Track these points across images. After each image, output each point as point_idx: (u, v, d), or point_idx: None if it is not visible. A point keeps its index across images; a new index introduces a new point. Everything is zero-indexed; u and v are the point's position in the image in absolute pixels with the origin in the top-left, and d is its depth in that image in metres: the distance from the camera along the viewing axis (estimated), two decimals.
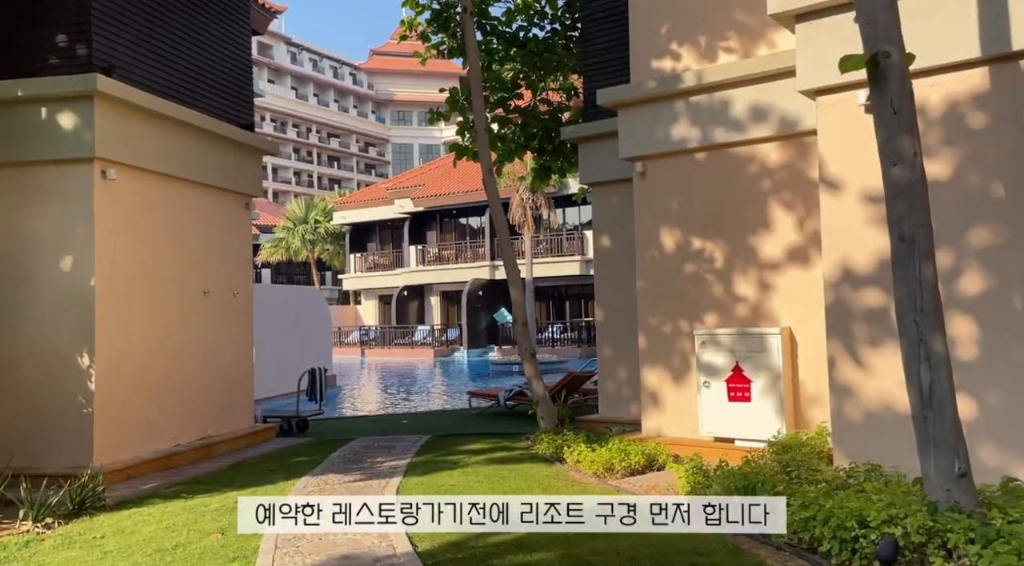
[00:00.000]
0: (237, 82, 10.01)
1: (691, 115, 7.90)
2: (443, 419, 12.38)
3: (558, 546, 4.70)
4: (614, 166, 9.62)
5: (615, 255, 9.84)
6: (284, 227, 42.12)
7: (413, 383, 22.89)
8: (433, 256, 36.40)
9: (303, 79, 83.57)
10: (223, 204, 9.72)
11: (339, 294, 45.91)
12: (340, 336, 36.81)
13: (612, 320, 9.87)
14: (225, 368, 9.70)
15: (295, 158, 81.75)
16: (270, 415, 11.24)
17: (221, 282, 9.64)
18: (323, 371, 11.57)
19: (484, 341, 33.70)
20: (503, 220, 9.99)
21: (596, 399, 11.67)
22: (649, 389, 8.27)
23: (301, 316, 17.79)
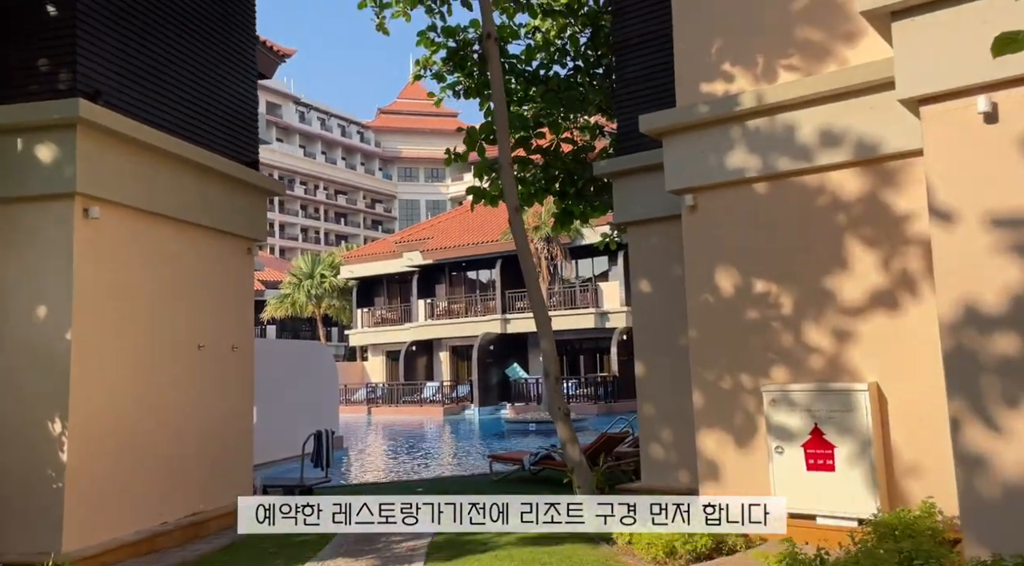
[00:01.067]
0: (240, 116, 9.20)
1: (749, 141, 7.00)
2: (463, 486, 11.20)
3: None
4: (653, 202, 8.71)
5: (656, 301, 8.84)
6: (290, 282, 41.31)
7: (424, 444, 21.66)
8: (442, 310, 35.43)
9: (311, 137, 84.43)
10: (222, 249, 8.79)
11: (346, 350, 44.83)
12: (346, 393, 35.55)
13: (654, 374, 8.80)
14: (221, 433, 8.62)
15: (302, 215, 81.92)
16: (271, 483, 10.11)
17: (218, 335, 8.64)
18: (330, 434, 10.47)
19: (496, 398, 32.45)
20: (531, 262, 9.02)
21: (633, 463, 10.51)
22: (707, 455, 7.16)
23: (307, 373, 16.73)
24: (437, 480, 12.22)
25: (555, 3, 12.76)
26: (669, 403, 8.62)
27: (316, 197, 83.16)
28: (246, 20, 9.39)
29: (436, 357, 36.84)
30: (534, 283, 8.93)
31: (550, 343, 8.77)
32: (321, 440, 10.23)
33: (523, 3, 12.71)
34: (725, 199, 7.20)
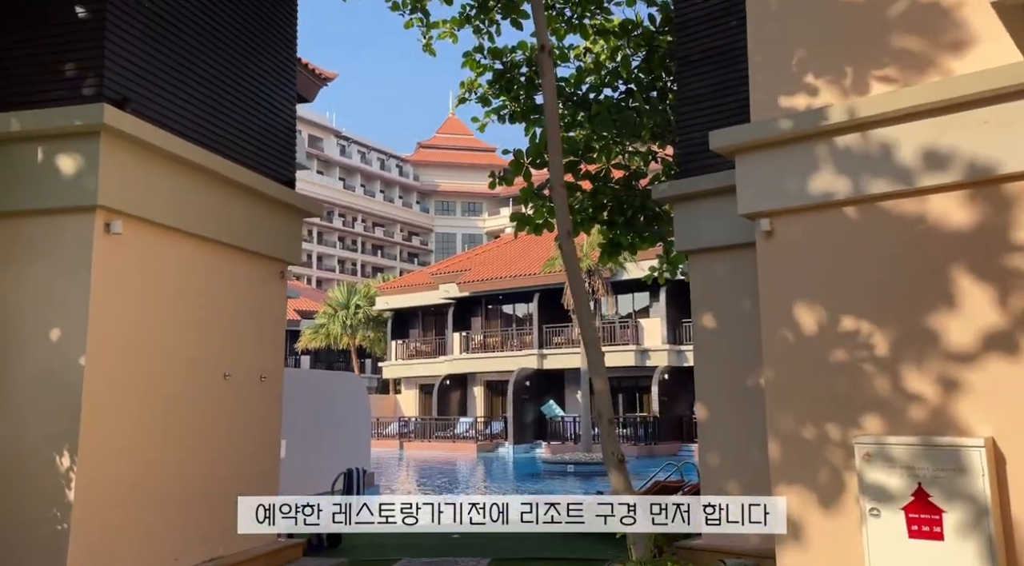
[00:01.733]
0: (277, 132, 8.70)
1: (837, 160, 6.24)
2: (501, 534, 10.35)
3: None
4: (719, 230, 7.97)
5: (721, 338, 8.04)
6: (325, 312, 41.06)
7: (458, 483, 20.84)
8: (478, 344, 34.74)
9: (351, 170, 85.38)
10: (253, 271, 8.23)
11: (379, 382, 44.30)
12: (378, 427, 34.92)
13: (719, 419, 7.96)
14: (245, 469, 7.97)
15: (340, 247, 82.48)
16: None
17: (246, 363, 8.04)
18: (361, 473, 9.75)
19: (531, 436, 31.50)
20: (583, 291, 8.32)
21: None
22: (786, 514, 6.28)
23: (339, 405, 16.11)
24: None
25: (608, 23, 12.21)
26: (736, 451, 7.77)
27: (354, 229, 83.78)
28: (287, 33, 8.95)
29: (470, 392, 36.07)
30: (587, 315, 8.20)
31: (603, 382, 8.00)
32: (352, 480, 9.52)
33: (575, 24, 12.18)
34: (808, 224, 6.43)
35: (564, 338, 32.39)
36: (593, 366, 8.06)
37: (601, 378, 8.01)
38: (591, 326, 8.23)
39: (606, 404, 7.92)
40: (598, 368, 8.05)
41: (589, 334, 8.21)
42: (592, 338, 8.22)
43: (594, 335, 8.29)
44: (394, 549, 9.14)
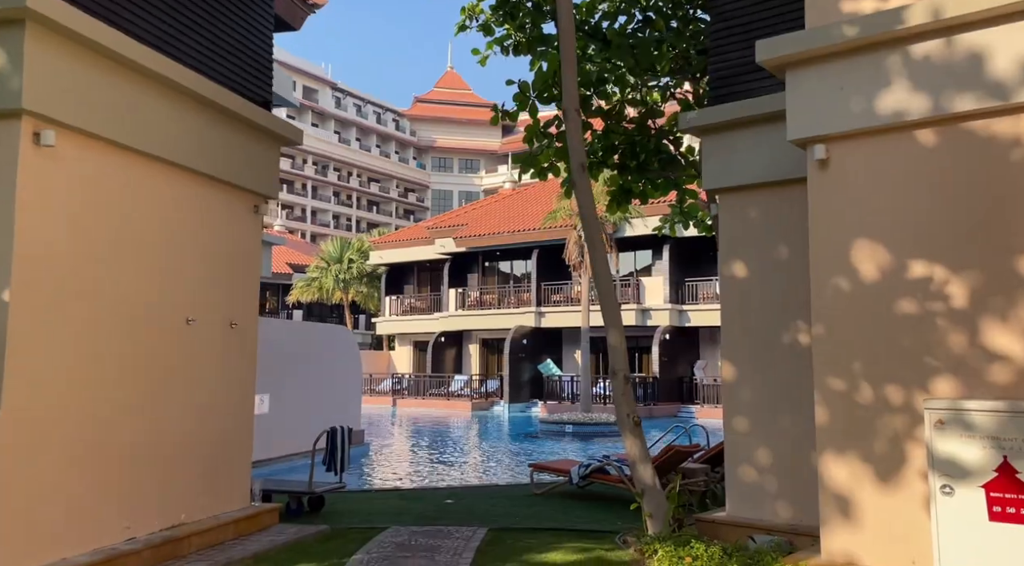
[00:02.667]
0: (251, 43, 7.60)
1: (914, 73, 5.22)
2: (498, 499, 9.53)
3: None
4: (755, 165, 6.97)
5: (753, 288, 7.08)
6: (317, 266, 40.03)
7: (452, 442, 20.08)
8: (474, 300, 33.83)
9: (346, 124, 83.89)
10: (222, 203, 7.21)
11: (372, 338, 43.51)
12: (371, 383, 34.21)
13: (749, 380, 7.04)
14: (212, 427, 7.05)
15: (335, 201, 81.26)
16: (274, 489, 8.52)
17: (214, 309, 7.07)
18: (347, 433, 8.86)
19: (527, 395, 30.80)
20: (598, 234, 7.34)
21: (702, 483, 8.78)
22: (834, 488, 5.41)
23: (327, 359, 15.21)
24: (469, 490, 10.56)
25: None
26: (767, 416, 6.87)
27: (349, 184, 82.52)
28: None
29: (465, 349, 35.30)
30: (601, 262, 7.23)
31: (619, 335, 7.08)
32: (336, 440, 8.64)
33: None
34: (872, 151, 5.43)
35: (563, 296, 31.50)
36: (608, 317, 7.13)
37: (616, 331, 7.08)
38: (606, 274, 7.27)
39: (621, 360, 7.00)
40: (613, 319, 7.12)
41: (604, 283, 7.26)
42: (607, 288, 7.28)
43: (609, 285, 7.34)
44: (382, 515, 8.31)
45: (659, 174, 11.32)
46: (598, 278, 7.21)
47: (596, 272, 7.20)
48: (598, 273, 7.19)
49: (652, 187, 11.61)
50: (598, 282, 7.22)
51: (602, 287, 7.20)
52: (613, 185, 11.81)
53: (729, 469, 7.10)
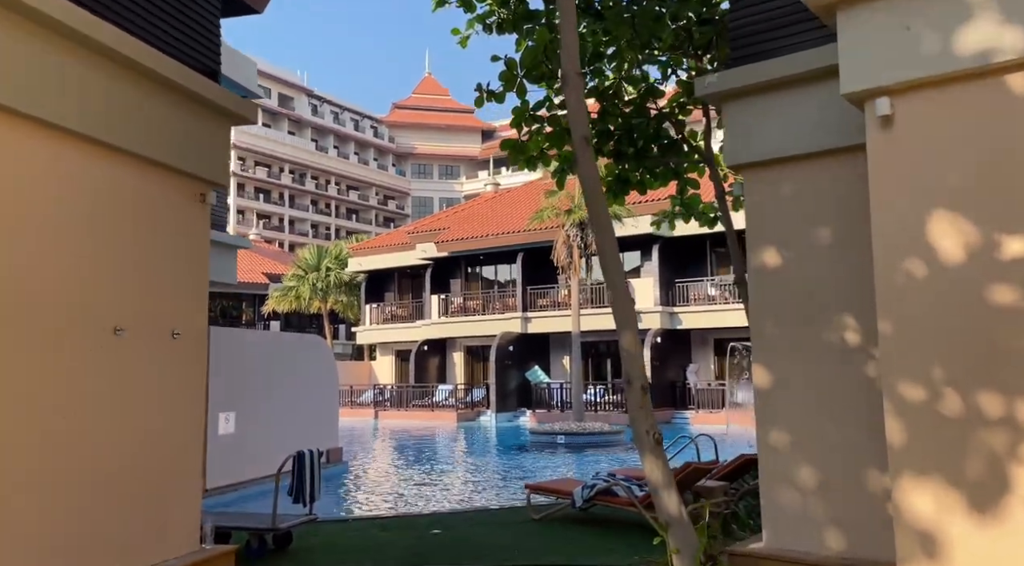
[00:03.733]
0: (194, 6, 6.46)
1: (1004, 4, 4.22)
2: (492, 527, 8.42)
3: None
4: (788, 134, 5.95)
5: (788, 280, 6.05)
6: (294, 274, 38.70)
7: (438, 457, 18.91)
8: (457, 307, 32.69)
9: (323, 131, 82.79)
10: (160, 190, 6.06)
11: (353, 349, 42.21)
12: (352, 395, 32.96)
13: (785, 386, 6.00)
14: (150, 457, 5.88)
15: (313, 210, 80.00)
16: (230, 526, 7.32)
17: (151, 316, 5.92)
18: (316, 457, 7.71)
19: (514, 404, 29.67)
20: (606, 215, 6.27)
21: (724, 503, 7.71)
22: (914, 519, 4.36)
23: (300, 371, 14.02)
24: (458, 517, 9.42)
25: None
26: (810, 427, 5.83)
27: (327, 192, 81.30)
28: None
29: (449, 358, 34.12)
30: (611, 247, 6.15)
31: (633, 337, 6.01)
32: (304, 466, 7.48)
33: None
34: (952, 102, 4.41)
35: (549, 300, 30.45)
36: (620, 316, 6.06)
37: (630, 332, 6.01)
38: (616, 263, 6.19)
39: (637, 365, 5.92)
40: (626, 318, 6.06)
41: (614, 274, 6.19)
42: (618, 279, 6.21)
43: (620, 275, 6.27)
44: (359, 553, 7.17)
45: (659, 161, 10.31)
46: (608, 268, 6.13)
47: (605, 262, 6.13)
48: (608, 263, 6.11)
49: (651, 176, 10.59)
50: (607, 272, 6.15)
51: (612, 279, 6.13)
52: (609, 175, 10.75)
53: (766, 491, 6.04)
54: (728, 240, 10.36)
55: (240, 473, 11.99)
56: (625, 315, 6.04)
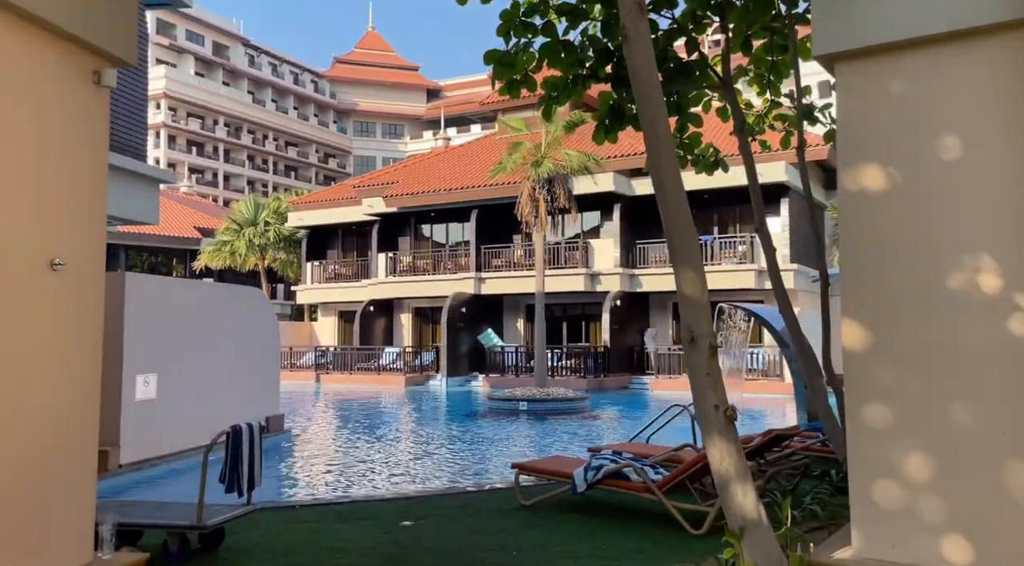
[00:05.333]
0: None
1: None
2: (477, 520, 6.86)
3: None
4: (907, 9, 4.44)
5: (901, 211, 4.58)
6: (228, 228, 36.12)
7: (391, 425, 17.29)
8: (406, 266, 30.83)
9: (261, 83, 79.03)
10: (34, 60, 4.20)
11: (292, 309, 39.98)
12: (291, 357, 30.96)
13: (889, 350, 4.57)
14: (17, 434, 4.12)
15: (249, 166, 76.52)
16: (141, 522, 5.59)
17: (17, 238, 4.11)
18: (257, 432, 6.01)
19: (466, 368, 28.20)
20: (660, 108, 4.70)
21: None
22: None
23: (236, 328, 12.17)
24: (430, 502, 7.83)
25: None
26: (925, 402, 4.42)
27: (265, 148, 77.91)
28: None
29: (397, 319, 32.37)
30: (670, 162, 4.59)
31: (698, 281, 4.49)
32: (241, 444, 5.77)
33: None
34: None
35: (504, 260, 28.88)
36: (681, 252, 4.54)
37: (693, 273, 4.49)
38: (676, 181, 4.63)
39: (704, 318, 4.41)
40: (689, 254, 4.54)
41: (673, 193, 4.63)
42: (678, 201, 4.65)
43: (681, 196, 4.69)
44: (311, 555, 5.56)
45: (663, 89, 8.71)
46: (665, 188, 4.56)
47: (662, 177, 4.56)
48: (664, 181, 4.55)
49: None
50: (665, 193, 4.58)
51: (671, 201, 4.57)
52: (602, 105, 9.12)
53: (857, 484, 4.63)
54: (748, 182, 8.98)
55: (163, 445, 10.18)
56: (686, 249, 4.51)
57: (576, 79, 8.65)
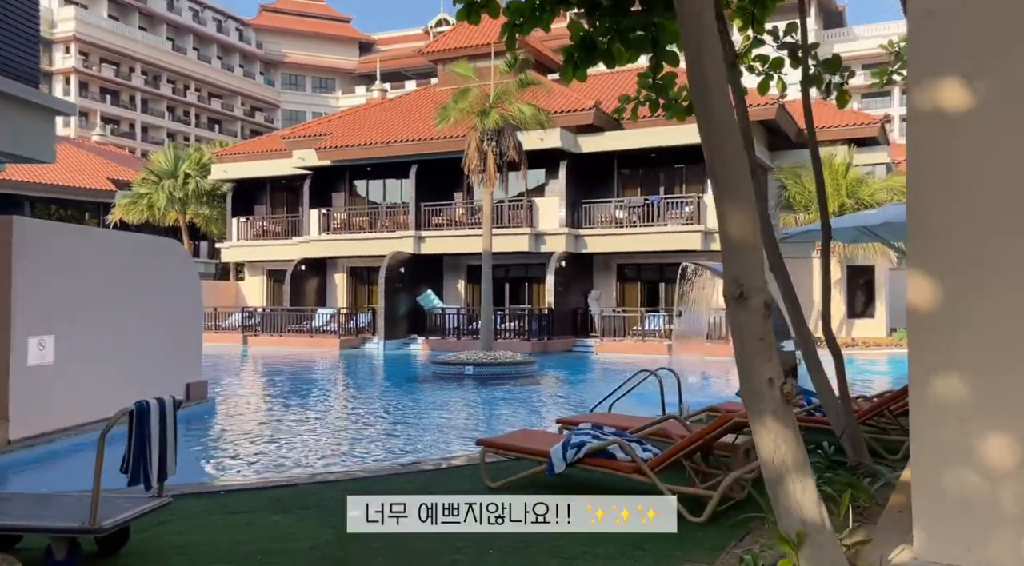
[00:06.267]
0: None
1: None
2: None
3: None
4: None
5: (980, 137, 3.69)
6: (146, 180, 33.64)
7: (327, 392, 16.05)
8: (340, 223, 29.22)
9: (181, 30, 74.47)
10: None
11: (217, 268, 37.82)
12: (216, 318, 29.17)
13: (970, 310, 3.72)
14: None
15: (169, 117, 72.36)
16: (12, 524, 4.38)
17: None
18: (171, 409, 4.82)
19: (404, 330, 27.00)
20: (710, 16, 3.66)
21: None
22: None
23: (150, 284, 10.74)
24: (378, 483, 6.76)
25: None
26: (1009, 377, 3.60)
27: (186, 99, 73.73)
28: None
29: (330, 279, 30.82)
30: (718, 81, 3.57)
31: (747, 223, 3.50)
32: (146, 427, 4.58)
33: None
34: None
35: (445, 218, 27.61)
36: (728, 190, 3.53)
37: (742, 214, 3.50)
38: (725, 107, 3.61)
39: (757, 269, 3.44)
40: (739, 192, 3.53)
41: (721, 125, 3.60)
42: (728, 133, 3.63)
43: (733, 126, 3.67)
44: (235, 562, 4.46)
45: (642, 20, 7.67)
46: (708, 89, 3.54)
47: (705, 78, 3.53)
48: (708, 78, 3.52)
49: (624, 43, 7.93)
50: (710, 123, 3.55)
51: (715, 108, 3.55)
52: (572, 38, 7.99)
53: (922, 475, 3.80)
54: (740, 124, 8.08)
55: (61, 418, 8.81)
56: (734, 178, 3.51)
57: (544, 4, 7.49)
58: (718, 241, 3.46)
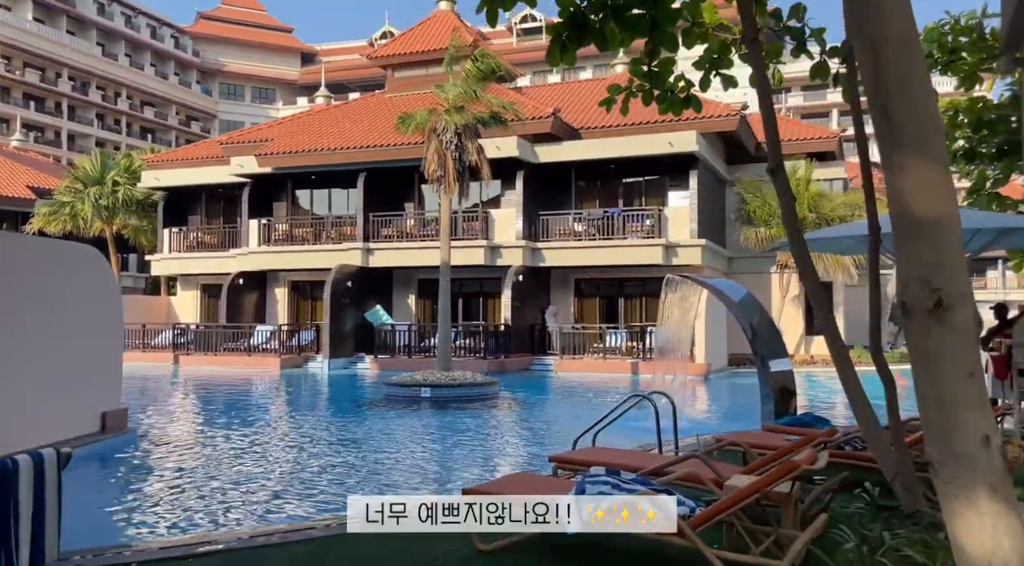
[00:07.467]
0: None
1: None
2: None
3: None
4: None
5: None
6: (69, 187, 31.24)
7: (268, 418, 14.39)
8: (282, 234, 27.46)
9: (112, 35, 71.40)
10: None
11: (147, 282, 35.44)
12: (144, 336, 27.02)
13: None
14: None
15: (99, 125, 68.97)
16: None
17: None
18: (55, 466, 3.38)
19: (351, 348, 25.35)
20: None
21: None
22: None
23: (59, 297, 9.09)
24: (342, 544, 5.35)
25: None
26: None
27: (117, 106, 70.52)
28: None
29: (271, 294, 28.97)
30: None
31: (942, 195, 2.29)
32: (10, 497, 3.14)
33: None
34: None
35: (394, 230, 26.16)
36: (910, 137, 2.34)
37: (934, 173, 2.32)
38: (908, 24, 2.44)
39: (960, 267, 2.26)
40: (930, 144, 2.34)
41: (903, 36, 2.42)
42: (914, 51, 2.45)
43: (919, 54, 2.50)
44: None
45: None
46: (891, 26, 2.36)
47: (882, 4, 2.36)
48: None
49: (620, 24, 6.75)
50: (887, 42, 2.37)
51: (907, 55, 2.37)
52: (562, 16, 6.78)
53: None
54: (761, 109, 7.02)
55: None
56: (926, 138, 2.32)
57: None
58: (679, 255, 2.26)
